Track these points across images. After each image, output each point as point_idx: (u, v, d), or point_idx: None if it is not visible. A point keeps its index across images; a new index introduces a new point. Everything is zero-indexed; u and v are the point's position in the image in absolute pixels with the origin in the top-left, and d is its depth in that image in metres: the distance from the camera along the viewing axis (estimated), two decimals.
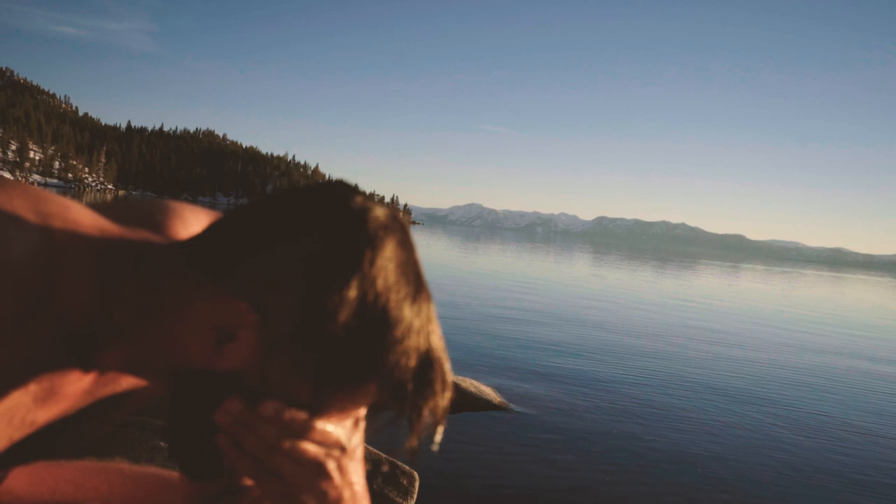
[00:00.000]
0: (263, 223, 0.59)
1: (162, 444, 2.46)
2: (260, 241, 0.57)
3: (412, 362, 0.57)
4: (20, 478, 0.82)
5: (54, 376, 0.60)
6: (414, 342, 0.57)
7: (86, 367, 0.62)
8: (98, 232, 0.62)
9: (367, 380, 0.57)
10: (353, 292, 0.54)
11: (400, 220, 0.61)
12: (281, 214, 0.58)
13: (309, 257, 0.55)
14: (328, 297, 0.54)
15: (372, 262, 0.55)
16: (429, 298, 0.60)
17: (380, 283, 0.55)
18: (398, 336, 0.56)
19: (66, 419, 0.66)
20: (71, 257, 0.58)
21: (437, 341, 0.60)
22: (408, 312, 0.57)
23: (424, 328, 0.58)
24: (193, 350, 0.58)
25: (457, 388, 4.56)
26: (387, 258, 0.56)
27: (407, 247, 0.60)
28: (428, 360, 0.58)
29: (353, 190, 0.61)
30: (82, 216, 0.62)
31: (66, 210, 0.61)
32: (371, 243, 0.56)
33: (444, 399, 0.60)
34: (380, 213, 0.59)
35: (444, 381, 0.60)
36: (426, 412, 0.59)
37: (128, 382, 0.69)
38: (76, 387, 0.63)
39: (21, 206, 0.58)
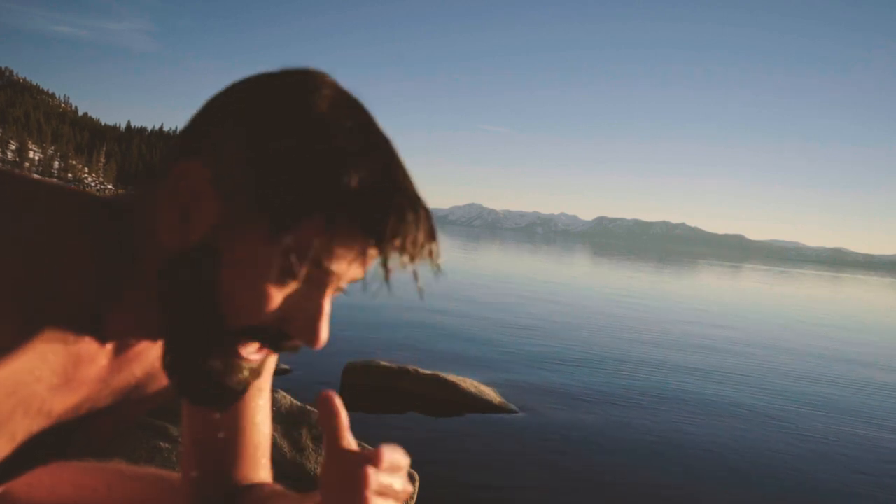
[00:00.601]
0: (215, 105, 0.61)
1: (162, 444, 2.46)
2: (213, 117, 0.60)
3: (370, 189, 0.55)
4: (19, 479, 0.82)
5: (66, 360, 0.61)
6: (369, 169, 0.56)
7: (98, 338, 0.63)
8: (93, 204, 0.64)
9: (326, 210, 0.55)
10: (293, 126, 0.56)
11: (349, 93, 0.62)
12: (231, 95, 0.61)
13: (250, 109, 0.58)
14: (271, 137, 0.56)
15: (309, 102, 0.57)
16: (387, 141, 0.60)
17: (320, 117, 0.57)
18: (349, 163, 0.55)
19: (81, 417, 0.67)
20: (70, 232, 0.60)
21: (400, 173, 0.58)
22: (356, 142, 0.57)
23: (380, 157, 0.58)
24: (166, 235, 0.59)
25: (457, 388, 4.56)
26: (325, 97, 0.58)
27: (351, 99, 0.61)
28: (388, 186, 0.56)
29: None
30: (78, 195, 0.64)
31: (61, 189, 0.64)
32: (307, 86, 0.59)
33: (417, 224, 0.57)
34: (323, 74, 0.61)
35: (412, 204, 0.57)
36: (397, 241, 0.56)
37: (140, 369, 0.70)
38: (90, 371, 0.64)
39: (18, 190, 0.61)
